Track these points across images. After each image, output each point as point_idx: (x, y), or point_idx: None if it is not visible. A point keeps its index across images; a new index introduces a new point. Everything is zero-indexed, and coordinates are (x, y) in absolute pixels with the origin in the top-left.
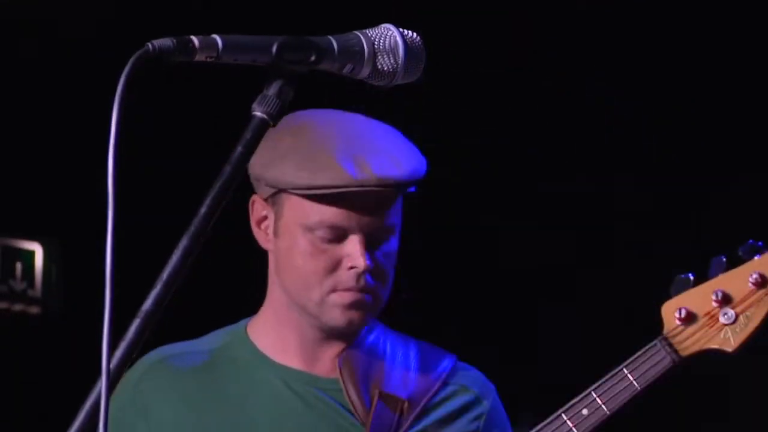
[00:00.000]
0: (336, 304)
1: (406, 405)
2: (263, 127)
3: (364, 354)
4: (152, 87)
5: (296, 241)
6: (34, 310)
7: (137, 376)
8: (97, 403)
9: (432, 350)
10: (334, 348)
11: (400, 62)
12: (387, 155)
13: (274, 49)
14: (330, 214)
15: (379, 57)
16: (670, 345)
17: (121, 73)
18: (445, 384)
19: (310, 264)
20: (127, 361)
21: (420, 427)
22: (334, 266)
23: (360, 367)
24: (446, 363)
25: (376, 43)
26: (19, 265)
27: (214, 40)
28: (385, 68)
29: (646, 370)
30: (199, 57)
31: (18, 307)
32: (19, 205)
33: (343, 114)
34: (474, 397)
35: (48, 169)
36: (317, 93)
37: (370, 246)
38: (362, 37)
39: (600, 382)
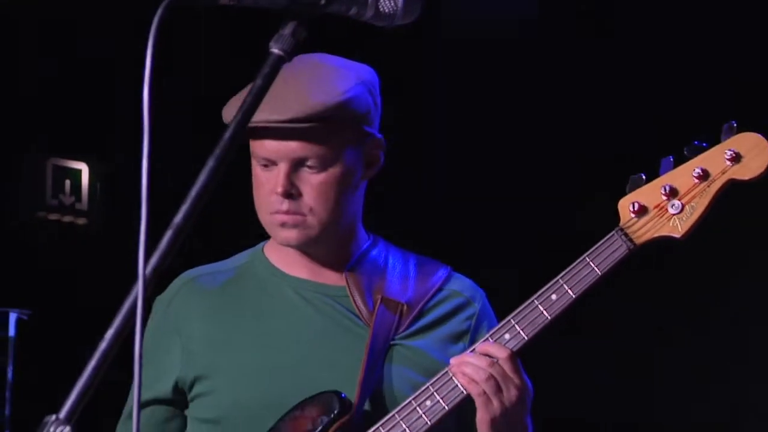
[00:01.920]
0: (273, 224)
1: (405, 308)
2: (279, 62)
3: (367, 265)
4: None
5: (254, 171)
6: (81, 221)
7: (170, 296)
8: (134, 304)
9: (429, 262)
10: (335, 261)
11: (399, 4)
12: (299, 93)
13: None
14: (260, 147)
15: (381, 0)
16: (626, 235)
17: (155, 14)
18: (439, 290)
19: (257, 191)
20: (160, 268)
21: (417, 326)
22: (270, 192)
23: (364, 276)
24: (441, 272)
25: None
26: (68, 182)
27: None
28: (386, 10)
29: (606, 258)
30: (222, 1)
31: (67, 218)
32: (68, 129)
33: (307, 56)
34: (465, 300)
35: (93, 99)
36: None
37: (295, 175)
38: None
39: (566, 270)
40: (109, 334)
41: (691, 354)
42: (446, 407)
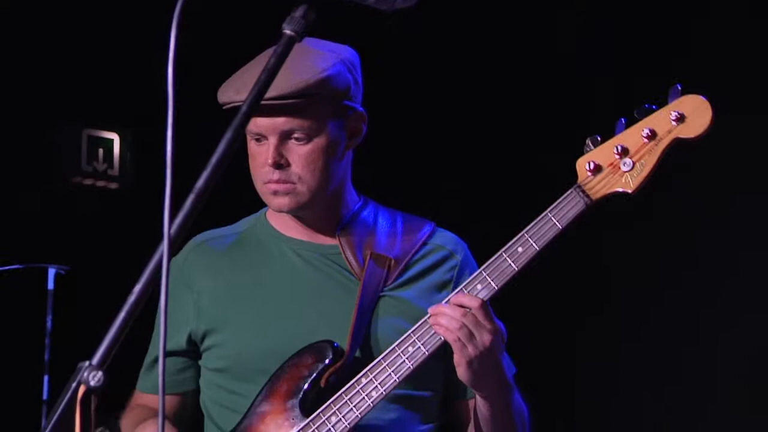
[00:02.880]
0: (266, 193)
1: (392, 262)
2: (291, 41)
3: (358, 224)
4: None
5: (249, 146)
6: (113, 185)
7: (183, 257)
8: (159, 261)
9: (414, 219)
10: (328, 223)
11: None
12: (284, 72)
13: None
14: (252, 123)
15: None
16: (584, 191)
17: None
18: (424, 244)
19: (252, 163)
20: (183, 228)
21: (404, 279)
22: (262, 164)
23: (355, 234)
24: (426, 228)
25: None
26: (101, 151)
27: None
28: None
29: (566, 213)
30: None
31: (100, 183)
32: (101, 102)
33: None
34: (448, 253)
35: (124, 76)
36: None
37: (284, 147)
38: None
39: (530, 225)
40: (137, 288)
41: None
42: (426, 352)
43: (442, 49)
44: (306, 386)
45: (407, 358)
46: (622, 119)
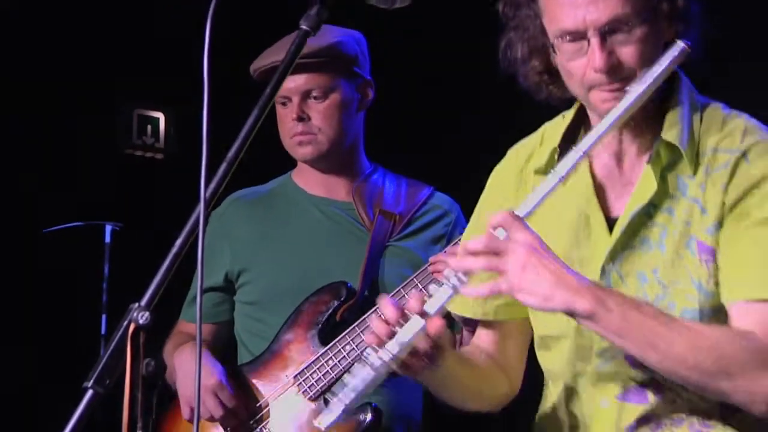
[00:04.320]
0: (293, 145)
1: (397, 218)
2: (306, 35)
3: (369, 185)
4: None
5: (277, 111)
6: (159, 156)
7: (222, 210)
8: (197, 219)
9: (416, 183)
10: (344, 182)
11: None
12: (287, 44)
13: None
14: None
15: None
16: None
17: None
18: (424, 203)
19: (280, 124)
20: (217, 191)
21: (407, 232)
22: (288, 121)
23: (366, 193)
24: (426, 190)
25: None
26: (149, 127)
27: None
28: None
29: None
30: None
31: (148, 154)
32: (150, 86)
33: None
34: (444, 212)
35: (167, 64)
36: None
37: (305, 104)
38: None
39: None
40: (178, 241)
41: None
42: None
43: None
44: (323, 319)
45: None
46: None
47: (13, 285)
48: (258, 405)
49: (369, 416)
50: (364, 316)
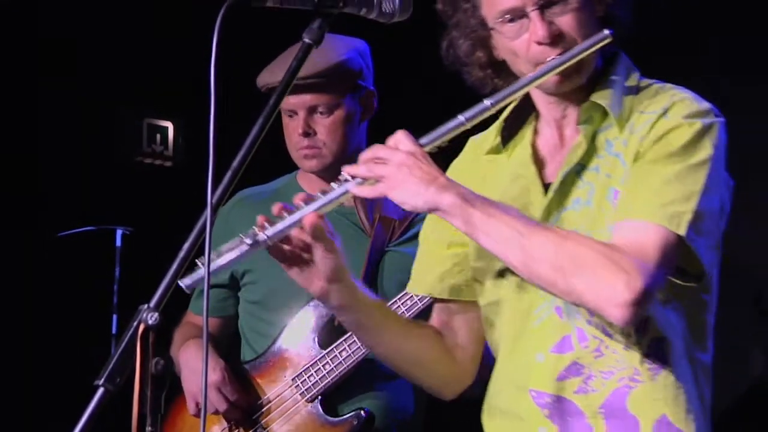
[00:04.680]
0: (299, 157)
1: (396, 223)
2: (309, 48)
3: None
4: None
5: (284, 122)
6: (168, 163)
7: (228, 209)
8: (204, 224)
9: None
10: None
11: (397, 5)
12: (311, 57)
13: None
14: (285, 101)
15: (384, 3)
16: None
17: (219, 12)
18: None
19: (286, 135)
20: (223, 197)
21: (405, 237)
22: (295, 135)
23: (367, 199)
24: None
25: None
26: (158, 136)
27: None
28: (387, 10)
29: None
30: (269, 4)
31: (158, 162)
32: (159, 97)
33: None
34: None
35: (176, 76)
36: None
37: (311, 119)
38: None
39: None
40: (186, 245)
41: None
42: (422, 306)
43: None
44: (323, 323)
45: (406, 310)
46: None
47: (28, 286)
48: (259, 402)
49: (361, 420)
50: None
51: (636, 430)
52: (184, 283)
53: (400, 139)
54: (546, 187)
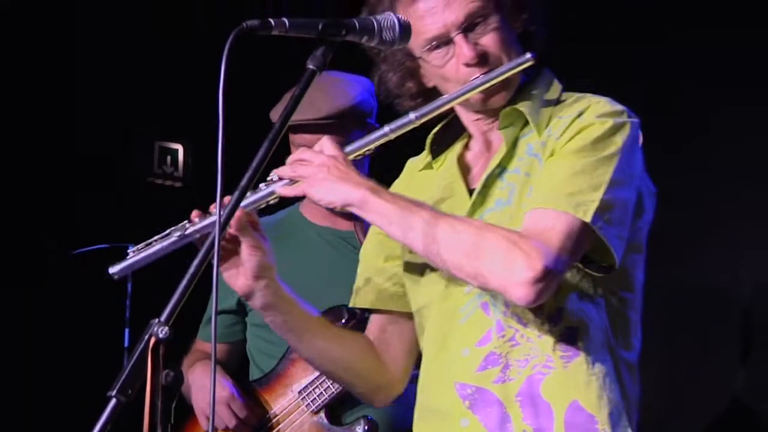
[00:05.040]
0: None
1: None
2: (313, 74)
3: None
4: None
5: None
6: (178, 184)
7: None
8: (212, 242)
9: None
10: (346, 213)
11: (396, 35)
12: (326, 99)
13: (320, 27)
14: (299, 138)
15: (384, 32)
16: None
17: (227, 40)
18: None
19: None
20: (230, 217)
21: None
22: None
23: (366, 223)
24: None
25: (382, 23)
26: (169, 158)
27: (284, 21)
28: (387, 39)
29: None
30: (275, 32)
31: (168, 182)
32: (170, 121)
33: (326, 73)
34: None
35: (186, 101)
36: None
37: None
38: (374, 20)
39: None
40: (196, 262)
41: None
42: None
43: None
44: None
45: None
46: None
47: (45, 301)
48: (267, 416)
49: (365, 428)
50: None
51: (550, 416)
52: (112, 270)
53: (324, 143)
54: (471, 192)
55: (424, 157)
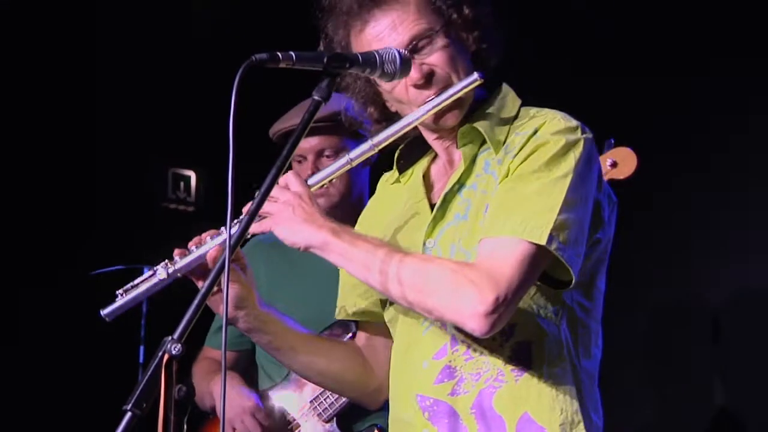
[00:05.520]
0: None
1: None
2: (318, 104)
3: None
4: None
5: (293, 167)
6: (190, 208)
7: (246, 250)
8: (223, 263)
9: None
10: (349, 228)
11: (397, 68)
12: (305, 107)
13: (325, 60)
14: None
15: (386, 64)
16: None
17: (237, 72)
18: None
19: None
20: (240, 239)
21: None
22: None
23: None
24: None
25: (383, 56)
26: (182, 184)
27: (291, 54)
28: (388, 71)
29: None
30: (282, 65)
31: (181, 207)
32: (182, 149)
33: None
34: None
35: (198, 131)
36: None
37: (318, 162)
38: (376, 54)
39: None
40: (207, 282)
41: None
42: None
43: None
44: None
45: None
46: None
47: (65, 320)
48: (284, 425)
49: None
50: None
51: (503, 429)
52: (104, 312)
53: (290, 179)
54: (433, 206)
55: (393, 172)
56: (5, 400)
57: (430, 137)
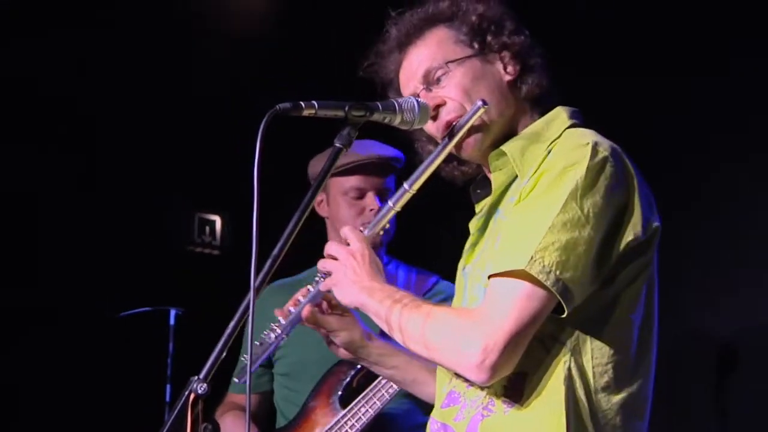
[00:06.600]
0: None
1: None
2: (339, 151)
3: (385, 274)
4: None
5: (342, 203)
6: (215, 252)
7: (263, 297)
8: (247, 305)
9: (424, 272)
10: None
11: (416, 116)
12: (380, 147)
13: (346, 108)
14: (360, 181)
15: (405, 113)
16: None
17: (262, 121)
18: (430, 290)
19: (349, 212)
20: (264, 281)
21: None
22: (363, 211)
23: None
24: (432, 279)
25: (403, 105)
26: (207, 228)
27: (313, 103)
28: (408, 119)
29: None
30: (305, 113)
31: (207, 250)
32: (208, 194)
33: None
34: (446, 296)
35: (223, 176)
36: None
37: (381, 199)
38: (395, 102)
39: None
40: (232, 324)
41: None
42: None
43: None
44: (343, 386)
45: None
46: None
47: (94, 360)
48: None
49: None
50: (375, 382)
51: None
52: (238, 379)
53: (348, 234)
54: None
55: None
56: None
57: (481, 163)
